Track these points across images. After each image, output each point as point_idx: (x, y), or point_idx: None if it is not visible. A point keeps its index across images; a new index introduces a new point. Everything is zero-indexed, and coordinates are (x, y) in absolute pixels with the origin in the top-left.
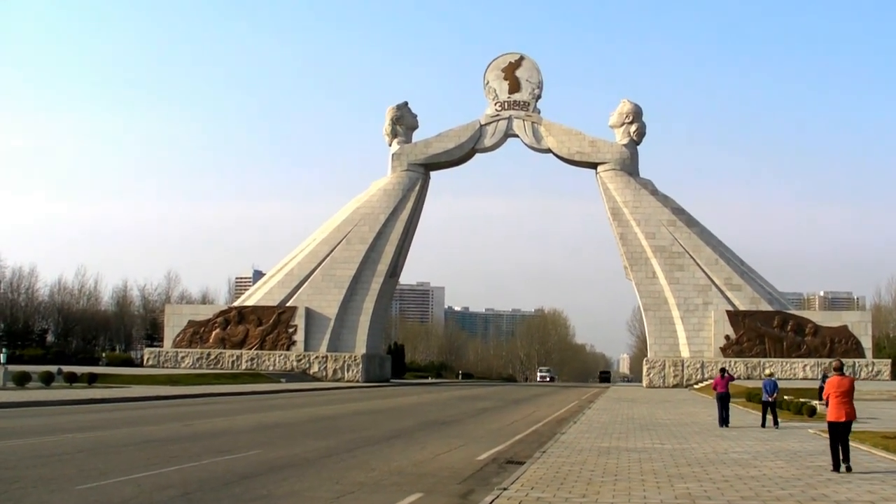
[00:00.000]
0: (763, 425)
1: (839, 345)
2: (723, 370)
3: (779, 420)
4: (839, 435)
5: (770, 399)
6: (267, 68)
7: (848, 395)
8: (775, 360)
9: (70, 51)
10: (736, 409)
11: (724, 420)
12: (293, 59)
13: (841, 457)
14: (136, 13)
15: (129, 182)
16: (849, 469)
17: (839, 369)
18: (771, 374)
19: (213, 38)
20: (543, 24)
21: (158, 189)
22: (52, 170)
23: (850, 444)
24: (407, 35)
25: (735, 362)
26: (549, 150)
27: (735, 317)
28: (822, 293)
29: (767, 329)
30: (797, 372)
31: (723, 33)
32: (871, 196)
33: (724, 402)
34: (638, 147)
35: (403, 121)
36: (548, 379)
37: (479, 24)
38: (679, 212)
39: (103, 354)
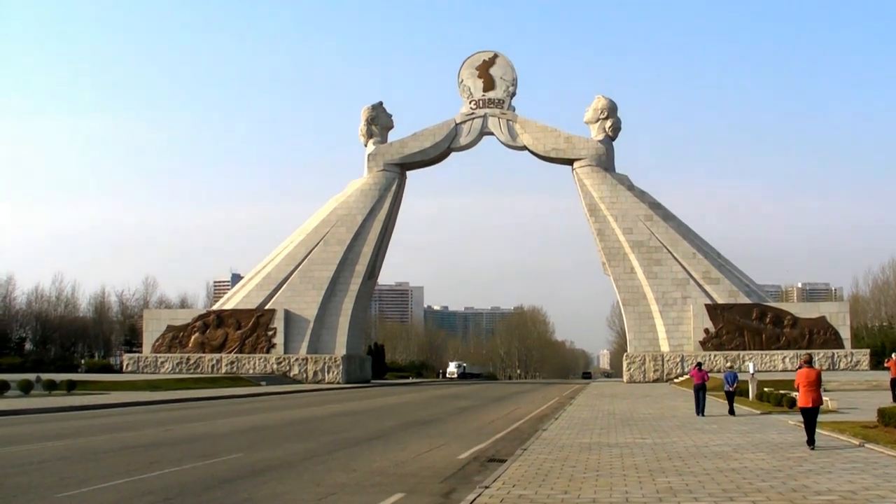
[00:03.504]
0: (731, 413)
1: (818, 336)
2: (699, 364)
3: (734, 409)
4: (809, 418)
5: (731, 389)
6: (243, 71)
7: (814, 384)
8: (754, 352)
9: (43, 54)
10: (716, 402)
11: (699, 409)
12: (269, 61)
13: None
14: (107, 14)
15: (106, 187)
16: (812, 447)
17: (809, 362)
18: (731, 367)
19: (190, 41)
20: (517, 21)
21: (135, 194)
22: (27, 176)
23: (831, 433)
24: (382, 35)
25: (715, 355)
26: (524, 148)
27: (714, 310)
28: (799, 284)
29: (746, 322)
30: (776, 364)
31: (698, 28)
32: (850, 187)
33: (700, 392)
34: (613, 142)
35: (378, 121)
36: (456, 376)
37: (453, 22)
38: (656, 206)
39: (82, 361)
